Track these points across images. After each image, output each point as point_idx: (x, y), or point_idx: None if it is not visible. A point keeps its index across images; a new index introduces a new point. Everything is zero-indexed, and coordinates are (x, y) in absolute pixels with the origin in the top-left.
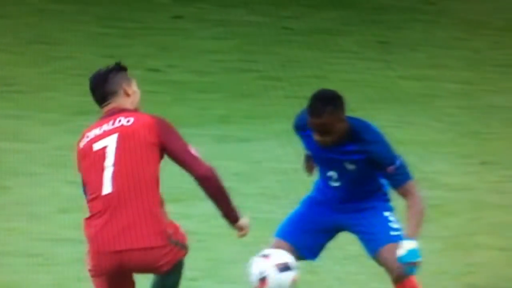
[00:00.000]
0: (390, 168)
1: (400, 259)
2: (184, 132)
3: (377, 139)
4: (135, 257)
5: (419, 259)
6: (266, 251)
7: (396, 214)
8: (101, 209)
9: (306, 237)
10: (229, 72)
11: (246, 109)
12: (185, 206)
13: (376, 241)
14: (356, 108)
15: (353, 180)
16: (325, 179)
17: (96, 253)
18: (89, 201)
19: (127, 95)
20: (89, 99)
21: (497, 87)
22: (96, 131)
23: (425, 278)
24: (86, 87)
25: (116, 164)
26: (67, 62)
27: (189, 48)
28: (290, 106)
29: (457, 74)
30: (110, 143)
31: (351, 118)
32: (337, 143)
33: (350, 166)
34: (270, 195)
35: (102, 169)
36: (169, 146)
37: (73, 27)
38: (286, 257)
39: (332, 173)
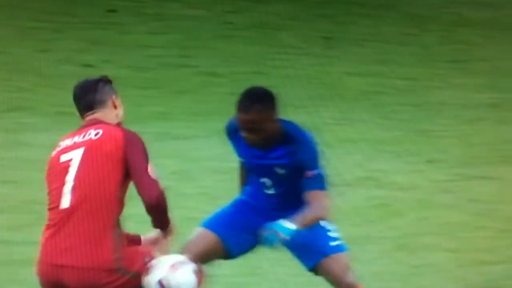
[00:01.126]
0: (309, 173)
1: (272, 226)
2: None
3: (306, 142)
4: (74, 275)
5: (285, 235)
6: (153, 262)
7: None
8: (54, 221)
9: (234, 233)
10: (167, 67)
11: (185, 106)
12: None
13: (315, 253)
14: (300, 105)
15: (287, 188)
16: (258, 186)
17: (40, 263)
18: (48, 209)
19: (115, 107)
20: (22, 95)
21: (445, 83)
22: (68, 142)
23: (371, 279)
24: (19, 82)
25: (76, 179)
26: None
27: (125, 43)
28: (230, 103)
29: (404, 70)
30: (75, 157)
31: (285, 121)
32: (267, 146)
33: (280, 171)
34: (210, 195)
35: (63, 183)
36: (128, 162)
37: (5, 21)
38: (176, 257)
39: (265, 180)
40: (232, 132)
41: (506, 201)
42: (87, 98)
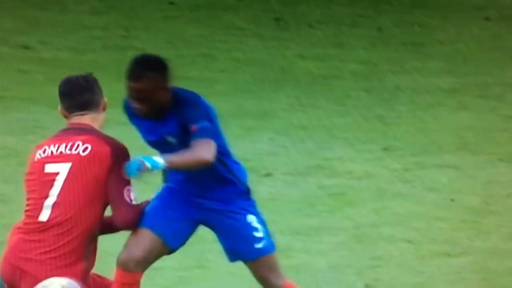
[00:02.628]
0: (194, 127)
1: (140, 156)
2: (60, 114)
3: (190, 101)
4: (33, 284)
5: (149, 166)
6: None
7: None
8: (28, 229)
9: (168, 226)
10: (109, 49)
11: None
12: None
13: (239, 254)
14: (250, 90)
15: None
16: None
17: (3, 258)
18: (26, 211)
19: (104, 109)
20: None
21: (402, 68)
22: (53, 149)
23: (326, 272)
24: None
25: (60, 196)
26: None
27: (64, 23)
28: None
29: (359, 53)
30: (62, 172)
31: (177, 89)
32: (160, 117)
33: (173, 140)
34: (156, 184)
35: (46, 195)
36: (108, 180)
37: None
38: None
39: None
40: (134, 114)
41: (466, 191)
42: (83, 97)
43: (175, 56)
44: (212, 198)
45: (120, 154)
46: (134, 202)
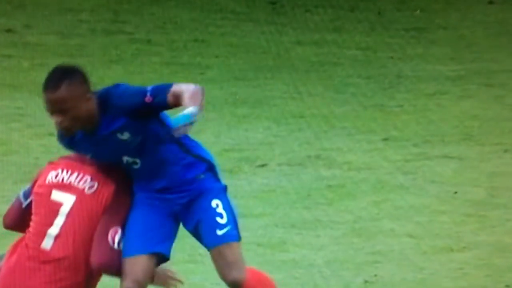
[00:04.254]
0: (147, 99)
1: (179, 120)
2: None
3: (123, 89)
4: None
5: (192, 119)
6: None
7: (228, 192)
8: (31, 257)
9: (154, 236)
10: (96, 34)
11: (117, 77)
12: None
13: (201, 239)
14: (244, 77)
15: (146, 151)
16: (129, 172)
17: (1, 277)
18: (30, 228)
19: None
20: None
21: (403, 54)
22: (65, 175)
23: (323, 268)
24: None
25: (62, 229)
26: None
27: (50, 6)
28: (166, 74)
29: (358, 39)
30: (66, 204)
31: (100, 91)
32: (91, 128)
33: (124, 136)
34: None
35: (50, 223)
36: (102, 215)
37: None
38: None
39: (124, 159)
40: (66, 139)
41: (470, 183)
42: None
43: (166, 41)
44: (175, 189)
45: (119, 196)
46: (115, 246)
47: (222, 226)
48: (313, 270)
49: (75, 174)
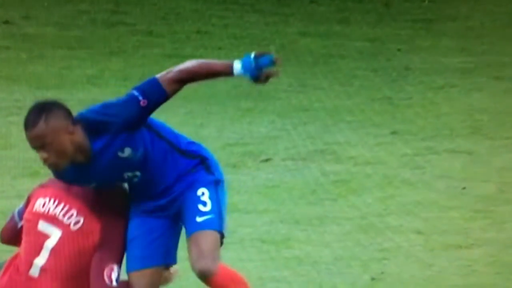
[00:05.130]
0: (142, 102)
1: (259, 64)
2: (44, 95)
3: (108, 111)
4: None
5: (269, 62)
6: None
7: (222, 184)
8: (18, 283)
9: (156, 249)
10: (96, 25)
11: (117, 69)
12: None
13: (186, 229)
14: None
15: (145, 161)
16: (131, 189)
17: None
18: (20, 251)
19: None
20: None
21: (411, 46)
22: (51, 206)
23: (329, 265)
24: None
25: (47, 263)
26: None
27: None
28: (168, 67)
29: (365, 30)
30: (51, 238)
31: (82, 121)
32: (86, 156)
33: (125, 153)
34: None
35: (37, 253)
36: (94, 254)
37: None
38: None
39: (126, 175)
40: (59, 173)
41: (479, 178)
42: None
43: (168, 33)
44: (170, 189)
45: (109, 231)
46: (114, 284)
47: (202, 214)
48: (318, 267)
49: (61, 205)
